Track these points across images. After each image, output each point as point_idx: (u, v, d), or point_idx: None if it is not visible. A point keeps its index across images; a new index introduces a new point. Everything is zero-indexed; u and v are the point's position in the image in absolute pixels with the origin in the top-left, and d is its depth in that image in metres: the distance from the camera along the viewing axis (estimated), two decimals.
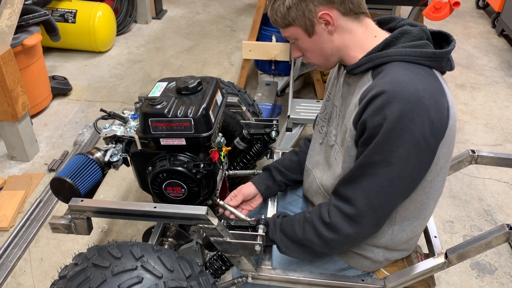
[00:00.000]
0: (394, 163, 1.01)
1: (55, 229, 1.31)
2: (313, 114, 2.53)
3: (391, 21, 1.19)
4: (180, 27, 4.46)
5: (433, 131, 1.00)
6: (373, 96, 1.00)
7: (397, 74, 1.02)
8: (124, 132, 1.49)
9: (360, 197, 1.07)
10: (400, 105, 0.97)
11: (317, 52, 1.16)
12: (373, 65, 1.08)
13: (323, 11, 1.07)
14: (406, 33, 1.08)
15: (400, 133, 0.98)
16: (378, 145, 1.01)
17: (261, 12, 2.92)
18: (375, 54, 1.08)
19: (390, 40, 1.08)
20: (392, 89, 0.98)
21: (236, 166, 1.90)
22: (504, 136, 2.91)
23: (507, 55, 3.94)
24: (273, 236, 1.24)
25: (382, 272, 1.32)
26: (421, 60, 1.05)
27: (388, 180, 1.04)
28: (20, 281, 1.92)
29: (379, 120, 0.99)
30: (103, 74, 3.58)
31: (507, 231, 1.11)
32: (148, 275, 1.08)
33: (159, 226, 1.59)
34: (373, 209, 1.08)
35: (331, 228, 1.12)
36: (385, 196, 1.07)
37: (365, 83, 1.09)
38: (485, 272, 1.99)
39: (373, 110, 1.00)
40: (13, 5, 2.45)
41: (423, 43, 1.07)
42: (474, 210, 2.32)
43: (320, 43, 1.13)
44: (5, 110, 2.37)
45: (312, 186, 1.37)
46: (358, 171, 1.07)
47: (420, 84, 1.00)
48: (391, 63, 1.05)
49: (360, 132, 1.05)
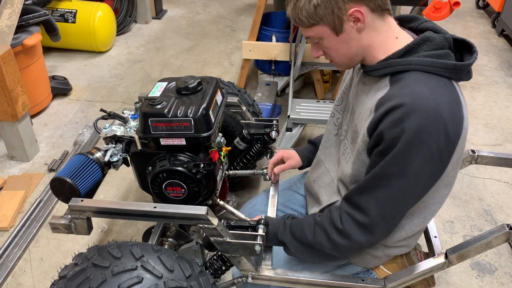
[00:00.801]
0: (409, 174, 1.02)
1: (55, 229, 1.31)
2: (313, 114, 2.53)
3: (413, 21, 1.17)
4: (180, 27, 4.46)
5: (448, 143, 1.01)
6: (392, 108, 0.99)
7: (417, 86, 1.00)
8: (124, 132, 1.49)
9: (374, 207, 1.08)
10: (419, 119, 0.96)
11: (342, 51, 1.12)
12: (392, 71, 1.06)
13: (354, 8, 1.03)
14: (428, 40, 1.05)
15: (418, 146, 0.98)
16: (394, 157, 1.01)
17: (261, 12, 2.91)
18: (395, 60, 1.06)
19: (412, 47, 1.05)
20: (412, 102, 0.97)
21: (236, 166, 1.90)
22: (504, 136, 2.91)
23: (507, 55, 3.94)
24: (283, 238, 1.24)
25: (382, 270, 1.32)
26: (441, 71, 1.03)
27: (402, 191, 1.05)
28: (20, 281, 1.92)
29: (397, 133, 0.98)
30: (103, 74, 3.58)
31: (507, 231, 1.11)
32: (148, 275, 1.08)
33: (159, 226, 1.59)
34: (385, 218, 1.09)
35: (343, 234, 1.13)
36: (398, 206, 1.08)
37: (382, 87, 1.08)
38: (485, 272, 1.99)
39: (391, 122, 0.99)
40: (13, 5, 2.45)
41: (444, 52, 1.05)
42: (474, 210, 2.32)
43: (347, 42, 1.09)
44: (5, 110, 2.37)
45: (323, 179, 1.36)
46: (373, 181, 1.07)
47: (439, 97, 0.99)
48: (411, 72, 1.04)
49: (376, 142, 1.05)
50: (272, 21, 3.38)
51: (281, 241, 1.25)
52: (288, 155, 1.57)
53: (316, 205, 1.39)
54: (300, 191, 1.60)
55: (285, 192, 1.62)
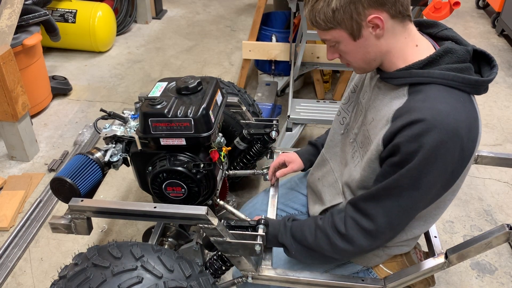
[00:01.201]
0: (421, 188, 1.02)
1: (55, 229, 1.31)
2: (313, 114, 2.53)
3: (433, 27, 1.15)
4: (180, 27, 4.46)
5: (462, 158, 1.01)
6: (412, 122, 0.97)
7: (438, 101, 0.99)
8: (124, 132, 1.49)
9: (382, 215, 1.08)
10: (439, 136, 0.96)
11: (359, 56, 1.09)
12: (412, 81, 1.04)
13: (374, 15, 1.00)
14: (450, 52, 1.03)
15: (434, 162, 0.98)
16: (409, 171, 1.00)
17: (261, 12, 2.91)
18: (416, 71, 1.03)
19: (434, 58, 1.03)
20: (433, 118, 0.96)
21: (236, 166, 1.90)
22: (504, 136, 2.91)
23: (507, 55, 3.93)
24: (283, 240, 1.24)
25: (382, 269, 1.32)
26: (462, 86, 1.01)
27: (412, 202, 1.05)
28: (20, 281, 1.92)
29: (415, 148, 0.97)
30: (103, 74, 3.58)
31: (507, 231, 1.11)
32: (148, 275, 1.08)
33: (159, 226, 1.59)
34: (392, 227, 1.10)
35: (346, 239, 1.13)
36: (405, 216, 1.09)
37: (399, 96, 1.06)
38: (485, 272, 1.99)
39: (410, 136, 0.98)
40: (13, 5, 2.45)
41: (466, 66, 1.03)
42: (474, 210, 2.32)
43: (364, 47, 1.06)
44: (5, 110, 2.37)
45: (327, 178, 1.36)
46: (384, 191, 1.06)
47: (459, 115, 0.98)
48: (431, 85, 1.02)
49: (391, 152, 1.04)
50: (272, 21, 3.38)
51: (281, 243, 1.25)
52: (290, 159, 1.55)
53: (319, 204, 1.38)
54: (300, 190, 1.60)
55: (286, 191, 1.62)
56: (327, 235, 1.16)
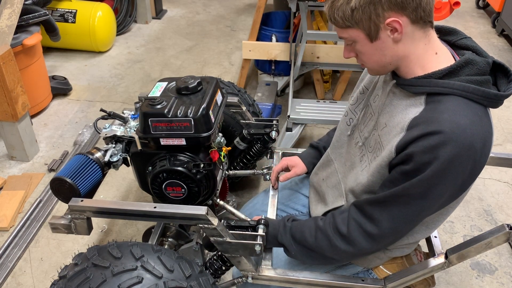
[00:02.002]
0: (430, 198, 1.02)
1: (55, 229, 1.31)
2: (313, 114, 2.53)
3: (452, 34, 1.13)
4: (180, 27, 4.46)
5: (472, 173, 1.01)
6: (429, 133, 0.96)
7: (457, 114, 0.97)
8: (124, 132, 1.49)
9: (387, 221, 1.08)
10: (455, 149, 0.95)
11: (375, 58, 1.06)
12: (431, 91, 1.02)
13: (393, 18, 0.97)
14: (471, 64, 1.02)
15: (446, 175, 0.98)
16: (421, 181, 0.99)
17: (261, 12, 2.91)
18: (436, 80, 1.01)
19: (454, 69, 1.01)
20: (451, 131, 0.95)
21: (236, 166, 1.90)
22: (504, 136, 2.91)
23: (507, 55, 3.93)
24: (283, 240, 1.24)
25: (382, 270, 1.32)
26: (481, 99, 1.00)
27: (419, 210, 1.05)
28: (20, 281, 1.92)
29: (429, 159, 0.97)
30: (103, 74, 3.58)
31: (507, 231, 1.11)
32: (148, 275, 1.08)
33: (159, 226, 1.59)
34: (395, 232, 1.10)
35: (347, 241, 1.13)
36: (410, 223, 1.09)
37: (416, 105, 1.05)
38: (485, 272, 1.99)
39: (426, 147, 0.97)
40: (13, 5, 2.45)
41: (485, 79, 1.02)
42: (474, 210, 2.32)
43: (381, 50, 1.04)
44: (5, 110, 2.37)
45: (331, 179, 1.36)
46: (392, 198, 1.06)
47: (475, 129, 0.97)
48: (450, 96, 1.00)
49: (403, 160, 1.02)
50: (272, 21, 3.38)
51: (281, 243, 1.25)
52: (293, 162, 1.54)
53: (321, 205, 1.38)
54: (301, 191, 1.60)
55: (286, 191, 1.62)
56: (328, 236, 1.16)
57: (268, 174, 1.70)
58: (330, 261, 1.24)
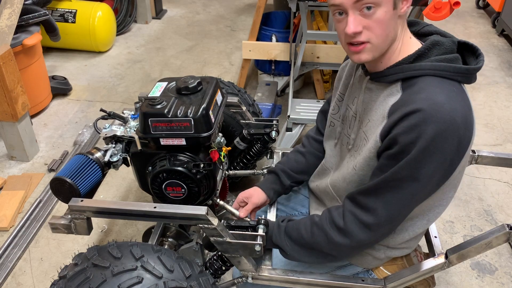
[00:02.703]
0: (420, 179, 1.02)
1: (55, 229, 1.31)
2: (313, 114, 2.52)
3: (415, 25, 1.16)
4: (180, 27, 4.46)
5: (459, 149, 1.01)
6: (408, 113, 0.98)
7: (433, 91, 0.99)
8: (124, 132, 1.49)
9: (381, 208, 1.08)
10: (436, 125, 0.96)
11: (389, 29, 1.03)
12: (404, 76, 1.05)
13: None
14: (438, 45, 1.05)
15: (432, 152, 0.98)
16: (408, 162, 1.00)
17: (261, 12, 2.91)
18: (407, 65, 1.05)
19: (423, 52, 1.05)
20: (430, 108, 0.96)
21: (236, 166, 1.90)
22: (504, 136, 2.91)
23: (507, 55, 3.93)
24: (277, 241, 1.24)
25: (382, 271, 1.32)
26: (454, 75, 1.03)
27: (411, 194, 1.05)
28: (20, 281, 1.92)
29: (412, 138, 0.98)
30: (103, 74, 3.58)
31: (507, 231, 1.11)
32: (148, 275, 1.08)
33: (159, 226, 1.59)
34: (391, 219, 1.10)
35: (344, 233, 1.13)
36: (405, 208, 1.09)
37: (393, 93, 1.07)
38: (485, 272, 1.99)
39: (407, 127, 0.98)
40: (13, 5, 2.45)
41: (454, 56, 1.05)
42: (474, 210, 2.32)
43: (394, 21, 1.03)
44: (5, 110, 2.37)
45: (321, 185, 1.37)
46: (383, 184, 1.06)
47: (454, 104, 0.98)
48: (424, 77, 1.03)
49: (388, 145, 1.04)
50: (272, 21, 3.38)
51: (275, 244, 1.25)
52: (248, 194, 1.44)
53: (321, 209, 1.39)
54: (300, 191, 1.60)
55: None
56: (324, 230, 1.15)
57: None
58: (328, 258, 1.23)
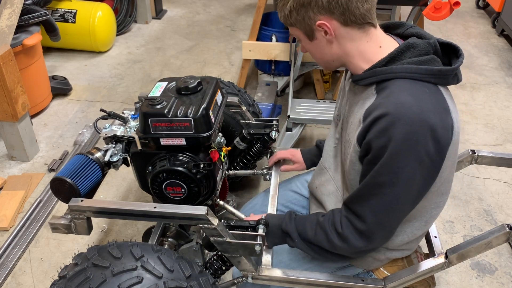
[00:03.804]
0: (400, 183, 1.02)
1: (55, 229, 1.31)
2: (313, 114, 2.53)
3: (400, 27, 1.17)
4: (180, 27, 4.46)
5: (438, 149, 1.00)
6: (377, 117, 0.99)
7: (400, 94, 1.00)
8: (124, 132, 1.49)
9: (369, 215, 1.08)
10: (405, 127, 0.96)
11: (318, 55, 1.17)
12: (378, 80, 1.06)
13: (321, 21, 1.06)
14: (412, 47, 1.05)
15: (406, 154, 0.98)
16: (383, 166, 1.01)
17: (261, 12, 2.91)
18: (380, 69, 1.06)
19: (395, 54, 1.05)
20: (396, 110, 0.97)
21: (236, 166, 1.90)
22: (504, 136, 2.91)
23: (507, 55, 3.93)
24: (287, 227, 1.23)
25: (382, 272, 1.32)
26: (426, 77, 1.03)
27: (395, 198, 1.05)
28: (20, 281, 1.92)
29: (384, 142, 0.98)
30: (103, 74, 3.58)
31: (507, 231, 1.11)
32: (148, 275, 1.08)
33: (159, 226, 1.59)
34: (381, 225, 1.10)
35: (342, 238, 1.13)
36: (392, 213, 1.08)
37: (369, 96, 1.08)
38: (485, 272, 1.99)
39: (377, 131, 0.99)
40: (13, 5, 2.45)
41: (429, 58, 1.04)
42: (474, 210, 2.32)
43: (320, 48, 1.13)
44: (5, 110, 2.37)
45: (327, 186, 1.36)
46: (366, 190, 1.07)
47: (424, 104, 0.98)
48: (395, 80, 1.04)
49: (365, 151, 1.05)
50: (272, 21, 3.37)
51: (285, 231, 1.24)
52: (296, 159, 1.64)
53: (320, 211, 1.38)
54: (300, 192, 1.60)
55: (285, 192, 1.62)
56: (326, 232, 1.16)
57: (268, 174, 1.70)
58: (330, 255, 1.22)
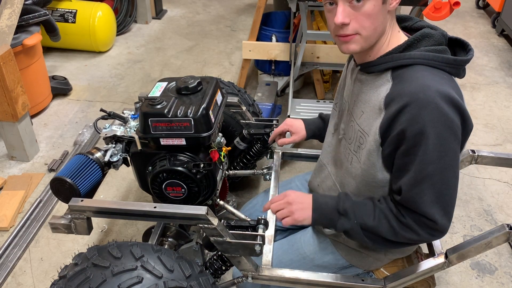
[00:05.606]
0: (447, 167, 1.01)
1: (55, 229, 1.31)
2: (313, 114, 2.52)
3: (407, 20, 1.18)
4: (180, 27, 4.46)
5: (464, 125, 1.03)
6: (406, 104, 0.99)
7: (424, 78, 1.01)
8: (124, 132, 1.49)
9: (436, 212, 1.04)
10: (437, 108, 0.97)
11: (378, 22, 1.04)
12: (394, 65, 1.06)
13: None
14: (427, 36, 1.07)
15: (447, 136, 0.99)
16: (428, 153, 0.99)
17: (261, 12, 2.91)
18: (397, 54, 1.06)
19: (412, 42, 1.07)
20: (424, 94, 0.97)
21: (236, 166, 1.90)
22: (504, 136, 2.91)
23: (507, 55, 3.93)
24: (345, 206, 1.15)
25: (382, 273, 1.32)
26: (442, 65, 1.05)
27: (447, 182, 1.03)
28: (20, 281, 1.92)
29: (419, 128, 0.98)
30: (103, 74, 3.58)
31: (507, 231, 1.11)
32: (148, 275, 1.08)
33: (159, 226, 1.59)
34: (447, 214, 1.06)
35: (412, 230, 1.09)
36: (450, 198, 1.06)
37: (384, 83, 1.08)
38: (485, 272, 1.99)
39: (409, 118, 0.98)
40: (13, 5, 2.45)
41: (443, 48, 1.07)
42: (474, 210, 2.32)
43: (383, 15, 1.04)
44: (5, 110, 2.37)
45: (327, 183, 1.36)
46: (418, 187, 1.03)
47: (447, 87, 1.00)
48: (414, 66, 1.04)
49: (396, 144, 1.03)
50: (272, 21, 3.38)
51: (343, 211, 1.15)
52: (294, 129, 1.58)
53: None
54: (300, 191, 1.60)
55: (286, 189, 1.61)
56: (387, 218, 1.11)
57: (268, 174, 1.70)
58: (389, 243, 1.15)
